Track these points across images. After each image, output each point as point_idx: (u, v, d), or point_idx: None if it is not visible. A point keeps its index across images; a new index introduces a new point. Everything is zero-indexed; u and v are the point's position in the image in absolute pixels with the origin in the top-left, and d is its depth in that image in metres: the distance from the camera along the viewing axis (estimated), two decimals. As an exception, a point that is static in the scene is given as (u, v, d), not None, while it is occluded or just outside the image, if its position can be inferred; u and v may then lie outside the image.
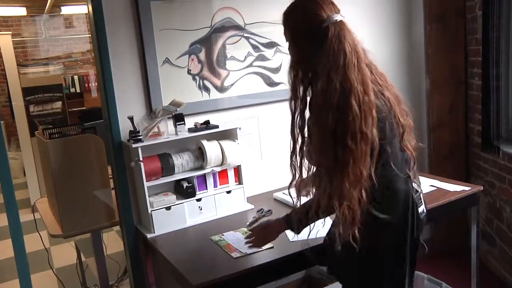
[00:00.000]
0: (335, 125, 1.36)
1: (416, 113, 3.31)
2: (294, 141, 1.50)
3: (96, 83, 7.18)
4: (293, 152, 1.51)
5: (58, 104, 5.93)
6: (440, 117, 3.28)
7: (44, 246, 3.05)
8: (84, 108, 7.28)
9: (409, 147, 1.57)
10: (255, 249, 1.88)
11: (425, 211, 1.65)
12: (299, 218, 1.64)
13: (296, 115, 1.50)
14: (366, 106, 1.37)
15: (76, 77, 7.44)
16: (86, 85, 7.46)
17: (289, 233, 2.08)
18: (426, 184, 2.50)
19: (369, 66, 1.49)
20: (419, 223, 1.60)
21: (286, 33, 1.58)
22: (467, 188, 2.41)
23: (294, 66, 1.54)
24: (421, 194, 1.64)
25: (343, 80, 1.37)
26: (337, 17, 1.46)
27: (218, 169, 2.39)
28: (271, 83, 2.73)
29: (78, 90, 7.44)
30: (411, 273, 1.65)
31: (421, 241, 1.62)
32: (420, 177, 2.57)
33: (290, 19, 1.55)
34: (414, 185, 1.62)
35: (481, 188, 2.44)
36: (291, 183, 1.53)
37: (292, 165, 1.52)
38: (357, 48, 1.45)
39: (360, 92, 1.38)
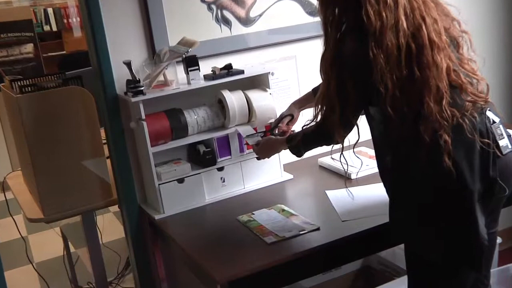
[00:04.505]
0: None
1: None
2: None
3: (79, 18, 7.16)
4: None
5: (28, 47, 5.96)
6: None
7: (21, 235, 3.13)
8: (64, 52, 7.31)
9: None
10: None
11: (510, 146, 1.81)
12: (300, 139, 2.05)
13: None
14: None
15: (50, 10, 7.43)
16: (65, 21, 7.44)
17: (340, 212, 2.16)
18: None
19: None
20: (497, 160, 1.76)
21: None
22: None
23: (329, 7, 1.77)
24: (501, 126, 1.81)
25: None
26: None
27: (244, 129, 2.44)
28: (312, 12, 2.73)
29: (54, 28, 7.45)
30: (489, 220, 1.81)
31: (499, 182, 1.75)
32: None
33: None
34: (489, 113, 1.79)
35: None
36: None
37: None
38: None
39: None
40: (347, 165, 2.00)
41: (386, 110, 1.69)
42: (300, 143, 2.06)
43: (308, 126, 2.00)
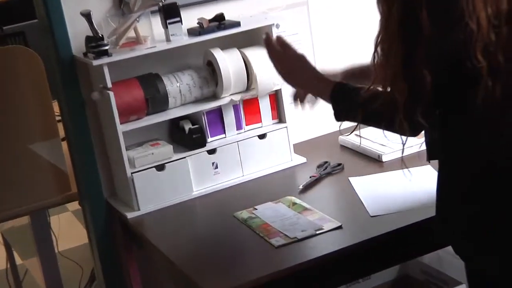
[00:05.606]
0: None
1: None
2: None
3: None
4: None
5: None
6: None
7: None
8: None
9: None
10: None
11: None
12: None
13: None
14: None
15: None
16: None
17: (369, 205, 2.15)
18: None
19: None
20: None
21: None
22: None
23: None
24: None
25: None
26: None
27: (240, 97, 2.44)
28: None
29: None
30: None
31: None
32: None
33: None
34: None
35: None
36: None
37: None
38: None
39: None
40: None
41: (474, 57, 1.54)
42: (350, 116, 1.91)
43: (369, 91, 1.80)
